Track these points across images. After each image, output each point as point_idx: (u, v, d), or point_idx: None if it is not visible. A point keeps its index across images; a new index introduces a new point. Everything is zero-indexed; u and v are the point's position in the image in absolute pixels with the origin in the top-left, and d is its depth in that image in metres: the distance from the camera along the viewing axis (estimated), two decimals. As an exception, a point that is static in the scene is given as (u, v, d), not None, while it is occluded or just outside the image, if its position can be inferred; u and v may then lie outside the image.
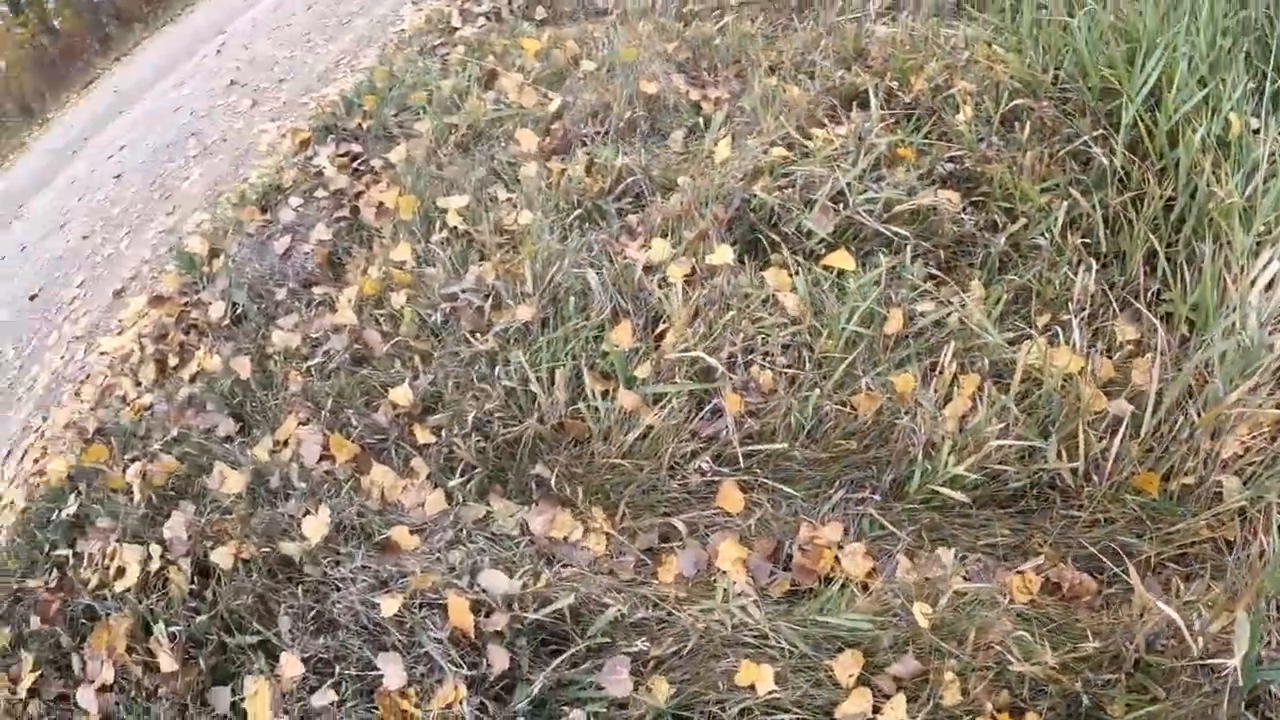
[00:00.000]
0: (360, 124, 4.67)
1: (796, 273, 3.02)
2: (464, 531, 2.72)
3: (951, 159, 3.49)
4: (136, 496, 3.23)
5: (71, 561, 3.26)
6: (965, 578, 2.46)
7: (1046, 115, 3.58)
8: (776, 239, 3.18)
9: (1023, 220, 3.21)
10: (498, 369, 2.99)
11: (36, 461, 4.33)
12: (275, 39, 8.51)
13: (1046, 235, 3.15)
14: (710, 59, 4.26)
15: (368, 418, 3.11)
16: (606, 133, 3.79)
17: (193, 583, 2.87)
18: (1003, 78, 3.75)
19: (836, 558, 2.53)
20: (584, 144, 3.77)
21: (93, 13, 26.21)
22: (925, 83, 3.79)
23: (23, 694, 2.94)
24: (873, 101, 3.63)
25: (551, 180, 3.56)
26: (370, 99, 4.73)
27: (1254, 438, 2.63)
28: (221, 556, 2.83)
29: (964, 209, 3.32)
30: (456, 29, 5.49)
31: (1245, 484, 2.51)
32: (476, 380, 3.00)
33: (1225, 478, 2.58)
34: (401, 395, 3.08)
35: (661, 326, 2.98)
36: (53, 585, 3.21)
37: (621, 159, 3.51)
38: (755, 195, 3.24)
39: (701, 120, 3.85)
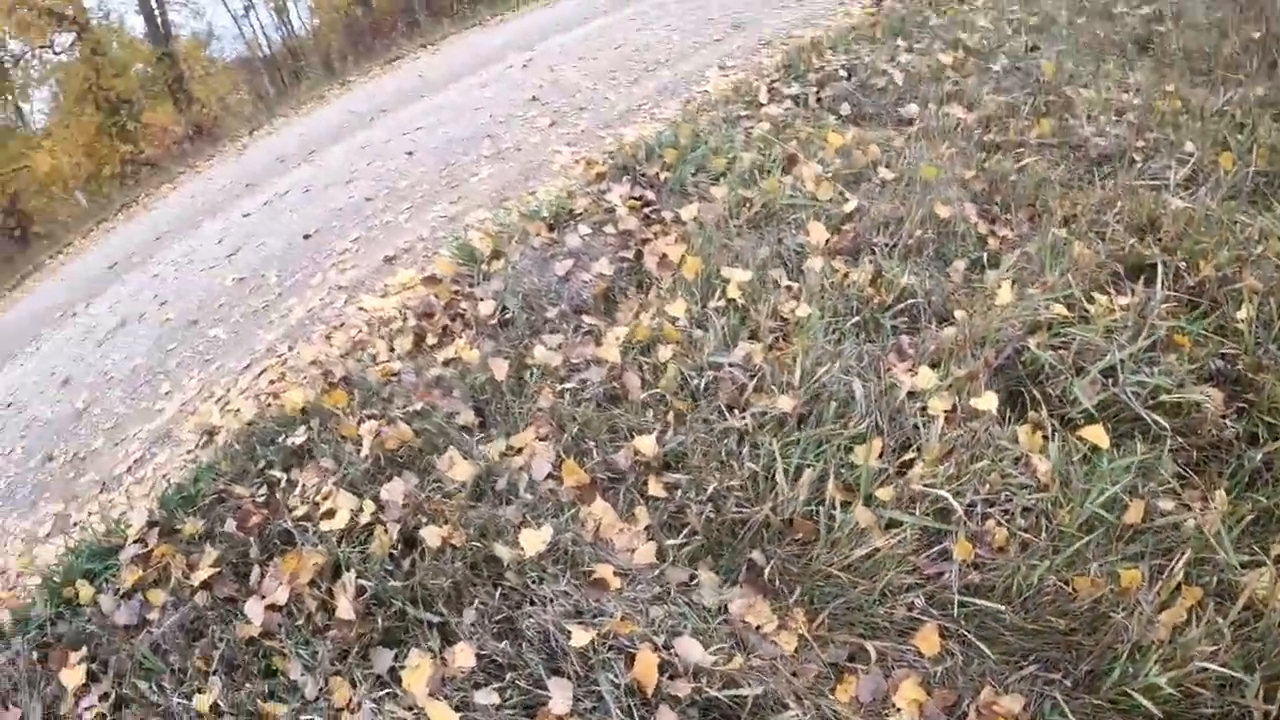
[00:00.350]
0: (658, 173, 4.93)
1: (1049, 437, 3.05)
2: (669, 591, 2.85)
3: (1224, 356, 3.45)
4: (365, 450, 3.51)
5: (283, 485, 3.56)
6: None
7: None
8: (1039, 396, 3.21)
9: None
10: (746, 449, 3.13)
11: (272, 384, 4.76)
12: (580, 69, 8.96)
13: None
14: (1005, 195, 4.33)
15: (607, 454, 3.29)
16: (895, 246, 3.91)
17: (394, 548, 3.12)
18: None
19: None
20: (872, 252, 3.90)
21: (406, -1, 28.01)
22: (1213, 270, 3.76)
23: (195, 583, 3.26)
24: (1159, 280, 3.64)
25: (835, 280, 3.70)
26: (672, 152, 4.99)
27: None
28: (430, 534, 3.06)
29: (1226, 412, 3.27)
30: (762, 105, 5.71)
31: None
32: (724, 454, 3.15)
33: None
34: (646, 444, 3.25)
35: (910, 454, 3.05)
36: (259, 499, 3.53)
37: (908, 278, 3.62)
38: (1029, 348, 3.30)
39: (985, 256, 3.92)
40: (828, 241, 4.01)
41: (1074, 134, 5.04)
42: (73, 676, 3.13)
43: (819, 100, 5.66)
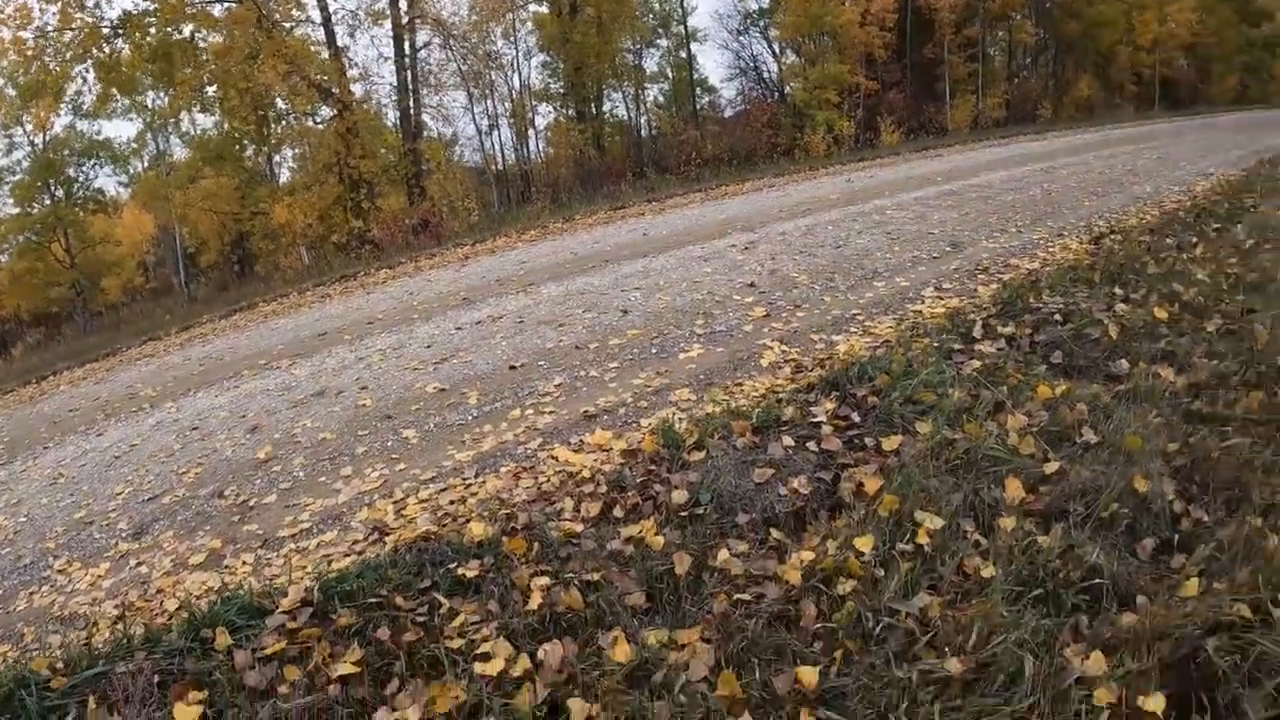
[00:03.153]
0: (866, 395, 5.14)
1: None
2: None
3: None
4: (533, 604, 3.62)
5: (444, 611, 3.68)
6: None
7: None
8: (1205, 702, 3.20)
9: None
10: (905, 703, 3.15)
11: (452, 504, 4.96)
12: (800, 264, 9.29)
13: None
14: (1205, 474, 4.35)
15: (768, 675, 3.31)
16: (1090, 516, 4.00)
17: (539, 708, 3.18)
18: None
19: None
20: (1065, 518, 3.98)
21: (637, 151, 29.58)
22: None
23: (333, 674, 3.37)
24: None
25: (1023, 545, 3.79)
26: (885, 378, 5.21)
27: None
28: (578, 707, 3.11)
29: None
30: (976, 341, 5.90)
31: None
32: (883, 706, 3.19)
33: None
34: (809, 675, 3.26)
35: None
36: (419, 617, 3.67)
37: (1098, 556, 3.69)
38: (1206, 650, 3.34)
39: (1176, 538, 3.93)
40: (1022, 501, 4.11)
41: (1285, 411, 5.04)
42: (187, 714, 3.25)
43: (1033, 345, 5.82)
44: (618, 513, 4.43)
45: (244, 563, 4.95)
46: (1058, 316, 6.19)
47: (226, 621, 3.76)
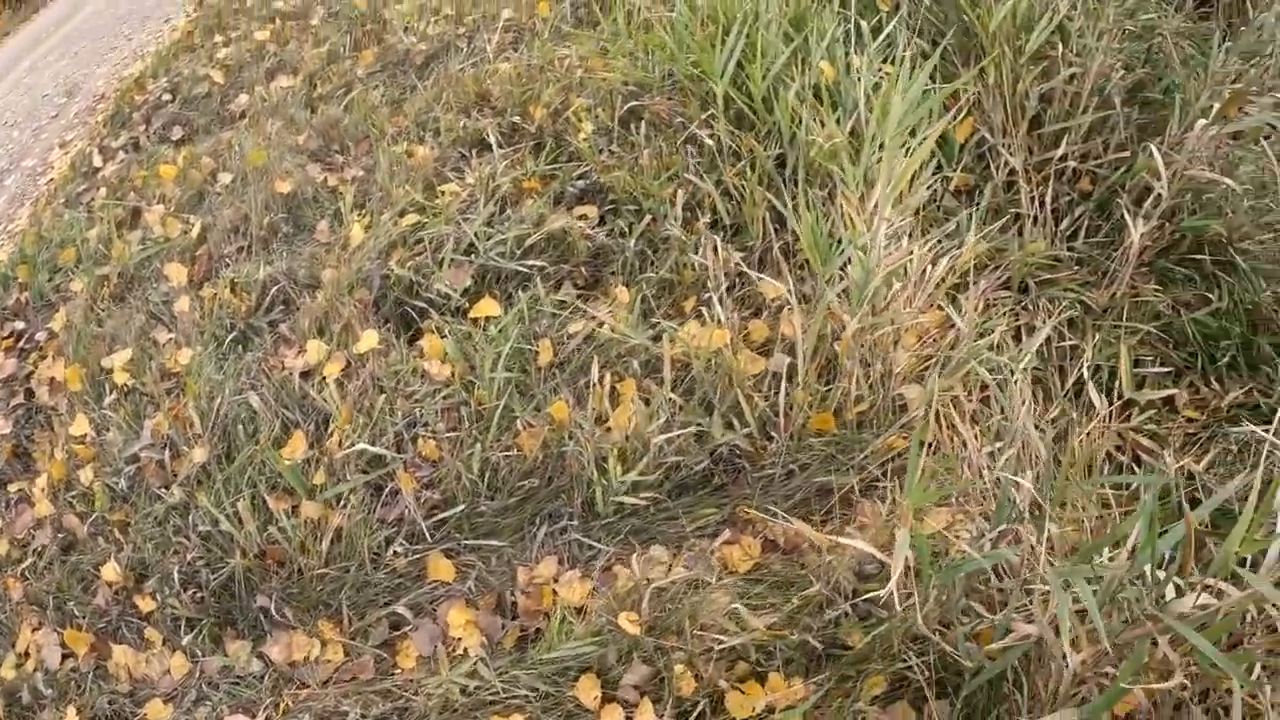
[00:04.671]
0: (19, 298, 4.49)
1: (447, 334, 3.08)
2: (209, 684, 2.69)
3: (581, 176, 3.62)
4: None
5: None
6: (686, 567, 2.53)
7: (661, 111, 3.75)
8: (424, 306, 3.23)
9: (648, 217, 3.36)
10: (191, 517, 2.95)
11: None
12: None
13: (674, 223, 3.28)
14: (340, 140, 4.28)
15: (89, 604, 3.01)
16: (248, 246, 3.76)
17: None
18: (616, 85, 3.91)
19: (555, 590, 2.59)
20: (228, 264, 3.72)
21: None
22: (544, 109, 3.91)
23: None
24: (493, 141, 3.73)
25: (204, 309, 3.51)
26: (24, 269, 4.55)
27: (922, 344, 2.87)
28: None
29: (598, 222, 3.45)
30: (99, 169, 5.33)
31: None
32: (173, 535, 2.95)
33: (907, 388, 2.78)
34: (110, 571, 3.00)
35: (332, 427, 2.98)
36: None
37: (263, 270, 3.49)
38: (391, 271, 3.28)
39: (340, 205, 3.85)
40: (190, 275, 3.80)
41: (395, 52, 5.06)
42: None
43: (149, 136, 5.34)
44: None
45: None
46: (166, 96, 5.71)
47: None
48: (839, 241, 2.84)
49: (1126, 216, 3.22)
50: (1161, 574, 1.87)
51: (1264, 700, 1.79)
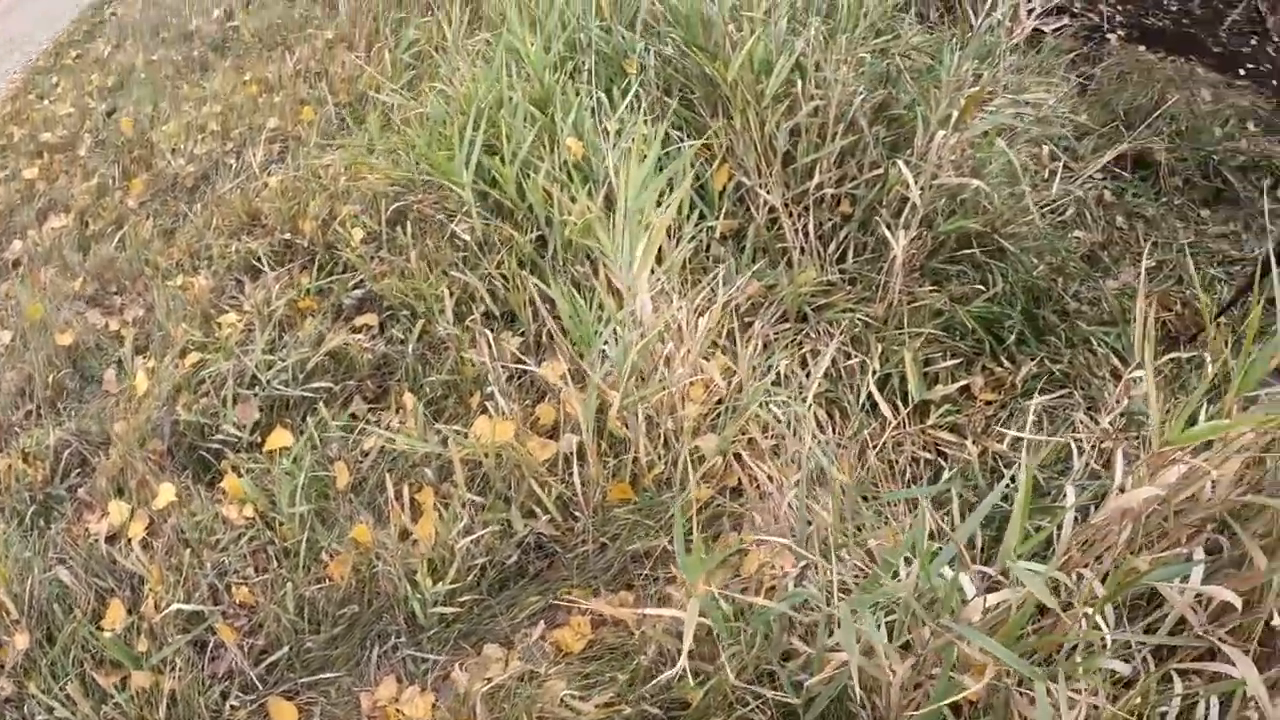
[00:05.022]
0: None
1: (244, 473, 3.12)
2: None
3: (356, 286, 3.73)
4: None
5: None
6: (521, 660, 2.59)
7: (424, 209, 3.88)
8: (218, 446, 3.27)
9: (423, 319, 3.49)
10: (27, 707, 2.86)
11: None
12: None
13: (448, 323, 3.41)
14: (117, 280, 4.27)
15: None
16: (38, 408, 3.74)
17: None
18: (380, 188, 4.03)
19: (399, 710, 2.62)
20: (18, 432, 3.68)
21: None
22: (313, 222, 4.00)
23: None
24: (265, 265, 3.81)
25: (1, 485, 3.48)
26: None
27: (711, 394, 3.01)
28: None
29: (379, 330, 3.58)
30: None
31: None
32: None
33: (701, 440, 2.91)
34: None
35: (146, 590, 2.97)
36: None
37: (53, 434, 3.47)
38: (180, 416, 3.33)
39: (121, 354, 3.83)
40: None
41: (165, 177, 5.08)
42: None
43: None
44: None
45: None
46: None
47: None
48: (602, 316, 2.96)
49: (887, 232, 3.46)
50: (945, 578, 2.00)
51: (1059, 691, 1.87)
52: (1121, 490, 2.13)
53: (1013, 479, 2.63)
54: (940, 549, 2.05)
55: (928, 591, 2.03)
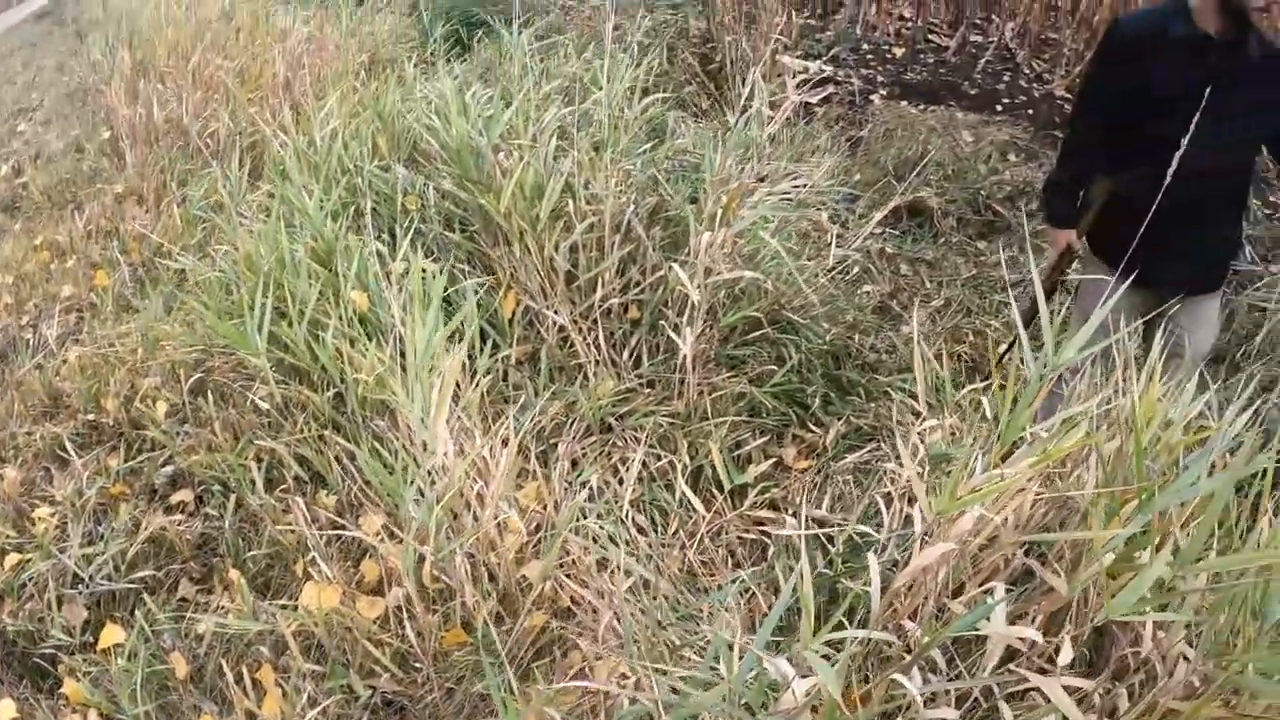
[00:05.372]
0: None
1: (82, 676, 3.04)
2: None
3: (167, 463, 3.70)
4: None
5: None
6: None
7: (222, 378, 3.86)
8: (52, 652, 3.19)
9: (235, 491, 3.48)
10: None
11: None
12: None
13: (260, 493, 3.40)
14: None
15: None
16: None
17: None
18: (179, 357, 4.01)
19: None
20: None
21: None
22: (115, 399, 3.95)
23: None
24: (71, 452, 3.76)
25: None
26: None
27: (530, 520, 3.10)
28: None
29: (197, 505, 3.57)
30: None
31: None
32: None
33: (528, 567, 2.98)
34: None
35: None
36: None
37: None
38: (7, 625, 3.23)
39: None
40: None
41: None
42: None
43: None
44: None
45: None
46: None
47: None
48: (407, 467, 2.99)
49: (673, 334, 3.63)
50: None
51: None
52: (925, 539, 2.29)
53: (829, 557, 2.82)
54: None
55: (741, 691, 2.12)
